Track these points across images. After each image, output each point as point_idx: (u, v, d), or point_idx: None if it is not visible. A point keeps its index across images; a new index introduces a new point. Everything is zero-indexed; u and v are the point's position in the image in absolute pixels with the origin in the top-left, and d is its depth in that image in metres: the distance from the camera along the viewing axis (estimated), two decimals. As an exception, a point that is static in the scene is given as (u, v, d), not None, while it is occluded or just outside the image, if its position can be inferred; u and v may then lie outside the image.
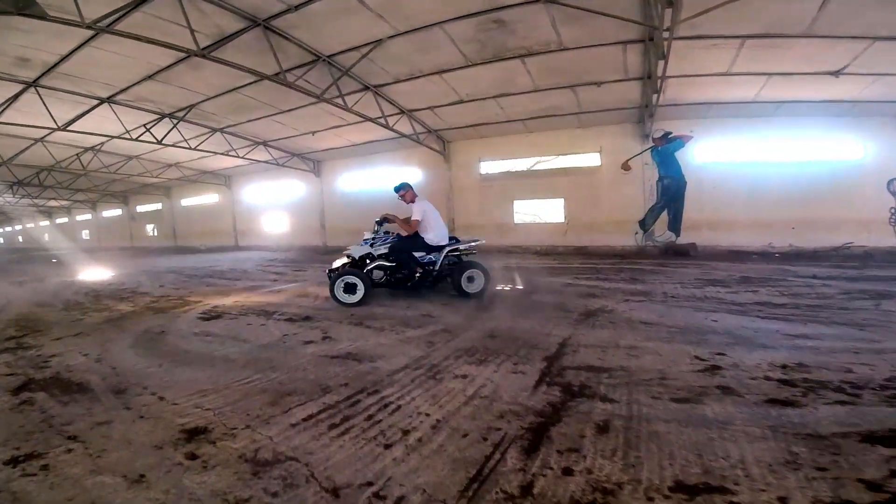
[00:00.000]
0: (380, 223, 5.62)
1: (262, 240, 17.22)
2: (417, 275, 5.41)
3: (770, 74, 7.31)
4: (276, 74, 6.65)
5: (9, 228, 33.13)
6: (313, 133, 11.33)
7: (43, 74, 7.18)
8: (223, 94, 8.52)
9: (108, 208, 24.40)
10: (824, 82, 7.36)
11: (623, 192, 10.34)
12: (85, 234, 26.92)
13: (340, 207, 14.78)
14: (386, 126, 9.51)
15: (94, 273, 9.50)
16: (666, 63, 6.25)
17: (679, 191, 9.71)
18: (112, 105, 8.70)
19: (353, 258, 5.38)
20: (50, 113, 8.18)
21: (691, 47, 6.45)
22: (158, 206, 21.44)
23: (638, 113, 9.56)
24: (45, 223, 29.72)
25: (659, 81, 7.11)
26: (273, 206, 16.86)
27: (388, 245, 5.46)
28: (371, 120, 9.18)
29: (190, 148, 11.25)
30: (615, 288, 5.29)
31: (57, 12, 4.74)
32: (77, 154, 12.73)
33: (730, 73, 7.28)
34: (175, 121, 9.76)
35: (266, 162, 13.52)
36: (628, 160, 9.99)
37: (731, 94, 8.20)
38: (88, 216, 26.04)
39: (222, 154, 12.33)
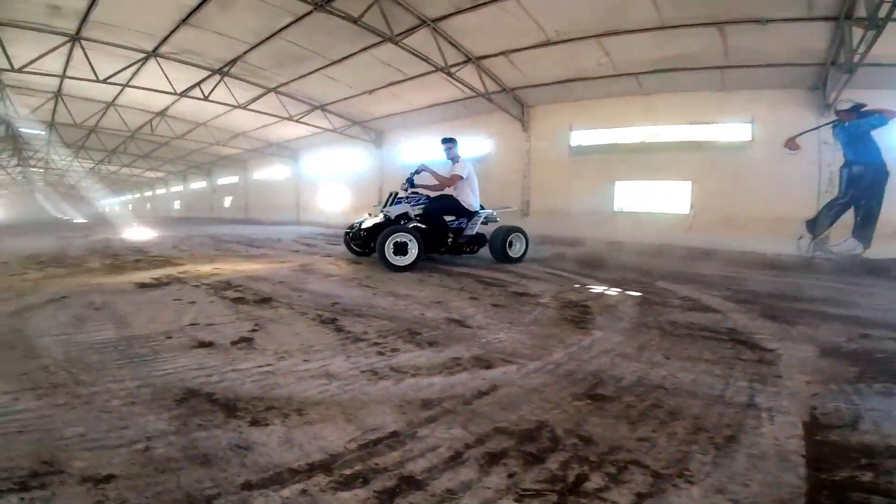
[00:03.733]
0: (410, 181, 5.56)
1: (321, 215, 17.36)
2: (450, 240, 5.48)
3: None
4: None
5: (123, 197, 38.92)
6: (370, 93, 10.50)
7: (82, 25, 7.26)
8: (265, 40, 7.97)
9: (196, 181, 27.10)
10: None
11: (783, 178, 7.66)
12: (176, 204, 30.43)
13: (401, 182, 13.92)
14: (448, 75, 8.25)
15: (141, 234, 10.42)
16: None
17: (875, 184, 6.95)
18: (158, 59, 8.75)
19: (389, 218, 5.25)
20: (94, 70, 8.42)
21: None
22: (235, 179, 23.10)
23: (817, 73, 6.91)
24: (149, 193, 34.46)
25: (864, 29, 4.78)
26: (332, 180, 16.93)
27: (423, 206, 5.41)
28: (425, 59, 8.01)
29: (242, 107, 11.17)
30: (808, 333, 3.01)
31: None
32: (149, 120, 13.64)
33: None
34: (221, 76, 9.62)
35: (325, 130, 13.18)
36: (796, 136, 7.41)
37: None
38: (180, 188, 29.36)
39: (278, 118, 12.16)
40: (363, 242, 5.85)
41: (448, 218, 5.57)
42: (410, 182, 5.61)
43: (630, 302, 3.79)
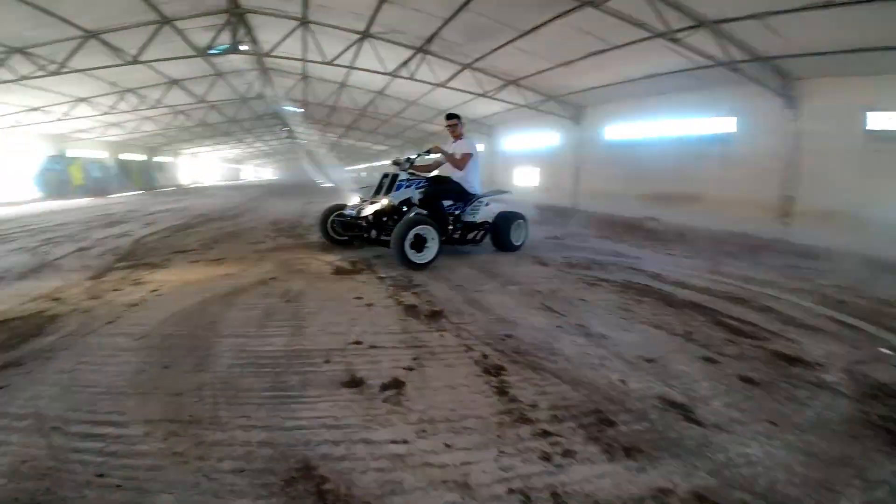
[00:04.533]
0: (410, 160, 5.17)
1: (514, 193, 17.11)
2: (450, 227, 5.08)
3: None
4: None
5: (359, 165, 46.88)
6: (567, 65, 9.31)
7: (306, 9, 8.31)
8: (456, 13, 7.73)
9: (410, 153, 30.27)
10: None
11: None
12: None
13: (601, 163, 12.43)
14: (672, 42, 6.53)
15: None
16: None
17: None
18: (371, 40, 9.52)
19: (393, 205, 4.78)
20: (322, 52, 9.66)
21: None
22: (439, 155, 24.77)
23: None
24: (376, 164, 40.31)
25: None
26: (526, 157, 16.42)
27: (422, 189, 4.96)
28: (638, 25, 6.51)
29: (442, 85, 11.46)
30: None
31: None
32: (372, 100, 15.47)
33: None
34: (423, 55, 9.94)
35: (518, 106, 12.55)
36: None
37: None
38: (399, 160, 33.41)
39: (473, 94, 12.09)
40: (359, 231, 5.11)
41: (446, 203, 5.18)
42: (410, 162, 5.18)
43: None
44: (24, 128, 14.98)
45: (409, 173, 5.09)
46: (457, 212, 5.31)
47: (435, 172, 5.75)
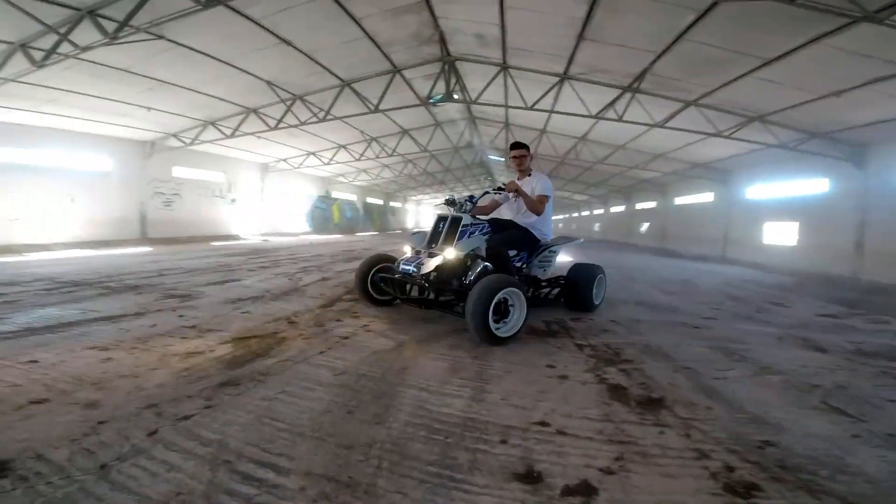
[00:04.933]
0: (473, 200, 4.28)
1: (757, 254, 13.74)
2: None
3: None
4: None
5: (554, 216, 46.24)
6: (838, 94, 6.90)
7: (504, 53, 8.49)
8: (670, 46, 6.64)
9: (615, 204, 27.98)
10: None
11: None
12: (596, 226, 32.37)
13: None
14: None
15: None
16: None
17: None
18: (571, 82, 9.07)
19: (460, 258, 3.80)
20: (522, 97, 9.67)
21: None
22: (653, 204, 22.18)
23: None
24: (575, 214, 38.70)
25: None
26: (776, 210, 13.18)
27: (486, 237, 4.04)
28: None
29: (659, 125, 10.03)
30: None
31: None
32: (574, 146, 14.93)
33: None
34: (632, 93, 8.93)
35: (767, 146, 10.00)
36: None
37: None
38: (601, 210, 31.14)
39: (702, 134, 10.18)
40: (419, 291, 4.10)
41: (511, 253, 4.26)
42: (473, 203, 4.25)
43: None
44: (300, 170, 19.78)
45: (466, 210, 4.21)
46: (519, 263, 4.39)
47: (491, 215, 4.72)
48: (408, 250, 4.17)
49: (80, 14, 6.14)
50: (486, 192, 4.67)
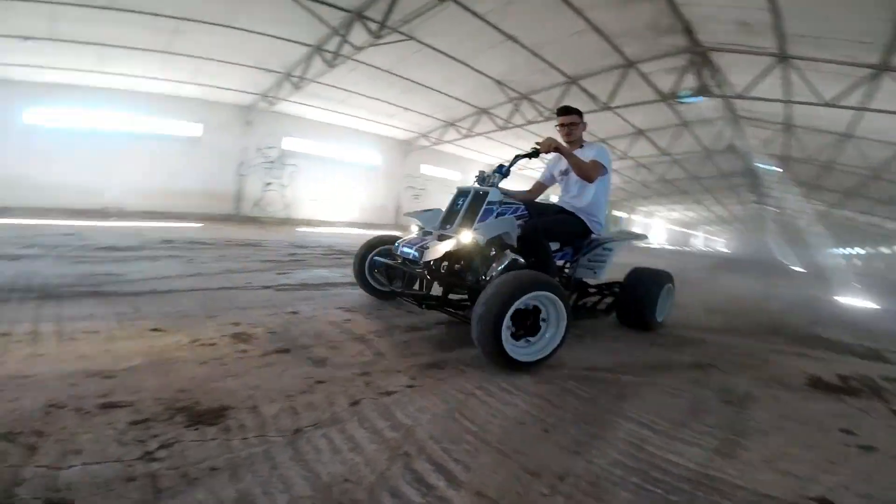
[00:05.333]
0: (503, 171, 3.09)
1: None
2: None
3: None
4: None
5: (851, 249, 34.87)
6: None
7: (783, 41, 6.70)
8: None
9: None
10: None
11: None
12: None
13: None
14: None
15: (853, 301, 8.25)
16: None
17: None
18: (891, 74, 6.53)
19: (478, 244, 2.67)
20: (815, 93, 7.38)
21: None
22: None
23: None
24: (885, 249, 28.68)
25: None
26: None
27: (521, 221, 2.87)
28: None
29: None
30: None
31: None
32: (894, 154, 10.72)
33: None
34: None
35: None
36: None
37: None
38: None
39: None
40: (419, 284, 3.13)
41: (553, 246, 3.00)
42: (504, 173, 3.03)
43: None
44: (522, 172, 19.97)
45: (503, 193, 2.98)
46: (562, 261, 3.25)
47: (530, 198, 3.42)
48: (414, 230, 3.28)
49: (351, 16, 7.51)
50: (517, 157, 3.37)
